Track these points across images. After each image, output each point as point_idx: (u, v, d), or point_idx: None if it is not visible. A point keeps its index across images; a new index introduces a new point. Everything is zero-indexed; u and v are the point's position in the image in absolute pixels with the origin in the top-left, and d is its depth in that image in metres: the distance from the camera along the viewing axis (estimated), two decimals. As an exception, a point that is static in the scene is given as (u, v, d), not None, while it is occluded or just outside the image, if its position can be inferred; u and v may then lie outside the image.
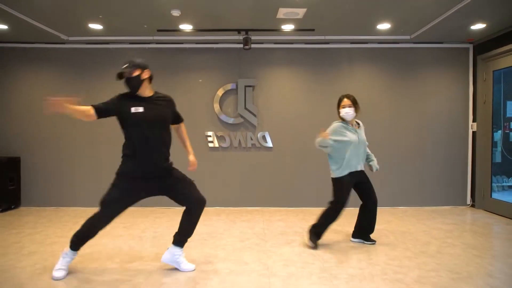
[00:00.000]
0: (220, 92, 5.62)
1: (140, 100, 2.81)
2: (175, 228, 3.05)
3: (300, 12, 4.33)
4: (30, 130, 5.66)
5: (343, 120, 3.67)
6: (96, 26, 4.90)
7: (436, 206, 5.67)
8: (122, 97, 2.86)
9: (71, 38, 5.41)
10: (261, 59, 5.66)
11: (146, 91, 2.86)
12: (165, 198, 3.00)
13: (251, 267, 3.11)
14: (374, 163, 3.78)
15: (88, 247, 3.24)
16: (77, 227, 2.98)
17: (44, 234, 4.14)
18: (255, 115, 5.60)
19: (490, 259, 3.32)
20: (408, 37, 5.40)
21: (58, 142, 5.67)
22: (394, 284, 2.74)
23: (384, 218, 4.92)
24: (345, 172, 3.56)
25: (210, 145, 5.66)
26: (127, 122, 2.80)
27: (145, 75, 2.82)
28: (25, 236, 4.05)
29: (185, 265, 3.00)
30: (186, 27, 4.90)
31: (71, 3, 4.08)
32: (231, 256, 3.41)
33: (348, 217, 4.25)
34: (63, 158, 5.67)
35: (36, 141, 5.66)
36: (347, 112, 3.61)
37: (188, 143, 3.21)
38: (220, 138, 5.68)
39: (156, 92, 2.95)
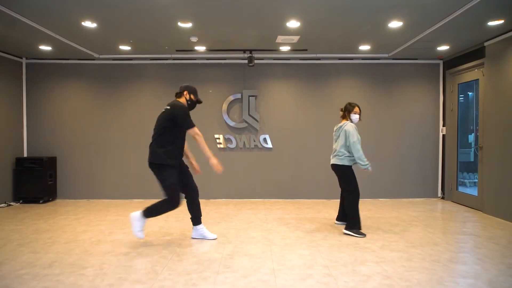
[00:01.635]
0: (227, 101, 6.61)
1: None
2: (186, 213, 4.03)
3: (295, 38, 5.31)
4: (66, 133, 6.62)
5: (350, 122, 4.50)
6: (125, 47, 5.88)
7: (411, 198, 6.66)
8: None
9: (101, 56, 6.39)
10: (262, 73, 6.64)
11: None
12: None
13: (257, 239, 4.09)
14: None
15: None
16: (111, 213, 3.99)
17: (87, 219, 5.10)
18: (257, 121, 6.58)
19: (440, 235, 4.30)
20: (386, 54, 6.40)
21: (89, 144, 6.64)
22: (364, 251, 3.72)
23: (366, 207, 5.90)
24: (352, 163, 4.41)
25: (219, 146, 6.63)
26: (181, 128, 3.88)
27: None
28: (74, 220, 5.02)
29: (209, 234, 4.07)
30: (201, 48, 5.88)
31: (109, 31, 5.03)
32: (240, 233, 4.38)
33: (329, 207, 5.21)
34: (93, 158, 6.64)
35: (70, 143, 6.63)
36: (357, 117, 4.49)
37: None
38: (227, 140, 6.65)
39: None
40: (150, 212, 3.86)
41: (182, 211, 4.48)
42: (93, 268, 3.20)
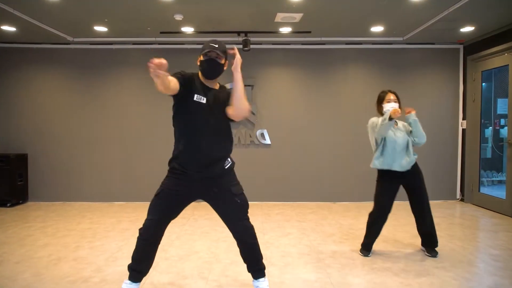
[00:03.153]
0: (220, 91, 5.84)
1: (206, 89, 2.43)
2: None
3: (297, 16, 4.54)
4: (37, 127, 5.86)
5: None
6: (101, 29, 5.10)
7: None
8: (192, 78, 2.45)
9: (76, 39, 5.61)
10: (259, 59, 5.87)
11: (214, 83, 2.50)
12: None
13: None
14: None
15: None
16: (84, 220, 3.23)
17: (54, 228, 4.37)
18: (254, 113, 5.83)
19: (472, 249, 3.59)
20: (400, 38, 5.63)
21: (64, 139, 5.88)
22: (383, 274, 3.00)
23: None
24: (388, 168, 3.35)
25: (211, 142, 5.89)
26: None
27: (225, 67, 2.49)
28: (37, 229, 4.29)
29: None
30: (188, 29, 5.11)
31: (77, 7, 4.27)
32: (232, 247, 3.65)
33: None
34: (69, 155, 5.89)
35: (43, 138, 5.87)
36: (393, 106, 3.32)
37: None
38: (220, 136, 5.90)
39: (221, 86, 2.58)
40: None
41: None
42: (37, 303, 2.47)
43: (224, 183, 2.43)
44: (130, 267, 2.40)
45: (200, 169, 2.35)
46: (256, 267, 2.52)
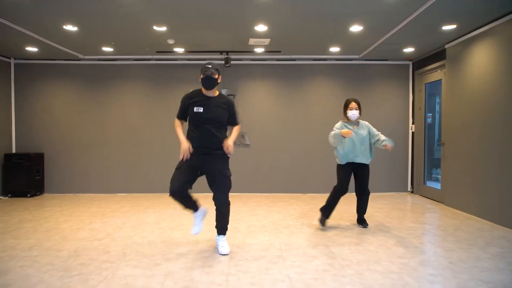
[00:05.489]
0: (207, 100, 6.94)
1: (205, 99, 3.44)
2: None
3: (266, 40, 5.65)
4: (52, 131, 6.94)
5: (347, 120, 4.35)
6: (108, 49, 6.20)
7: (383, 192, 7.01)
8: (192, 95, 3.48)
9: (86, 57, 6.71)
10: (240, 74, 6.97)
11: (213, 92, 3.48)
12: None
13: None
14: (385, 142, 4.28)
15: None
16: (94, 206, 4.30)
17: (70, 210, 5.43)
18: (235, 119, 6.92)
19: (396, 223, 4.66)
20: (357, 56, 6.75)
21: (75, 141, 6.96)
22: (320, 232, 4.07)
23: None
24: (343, 162, 4.34)
25: (199, 143, 6.97)
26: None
27: (220, 79, 3.49)
28: (56, 212, 5.34)
29: (222, 248, 3.54)
30: (179, 49, 6.22)
31: (90, 34, 5.35)
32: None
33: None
34: (79, 154, 6.96)
35: (57, 140, 6.95)
36: (354, 113, 4.28)
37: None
38: (207, 137, 6.98)
39: (220, 94, 3.57)
40: None
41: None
42: (68, 251, 3.53)
43: (217, 164, 3.48)
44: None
45: (198, 152, 3.44)
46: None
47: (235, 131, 3.61)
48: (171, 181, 3.36)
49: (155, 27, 4.97)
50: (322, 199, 6.43)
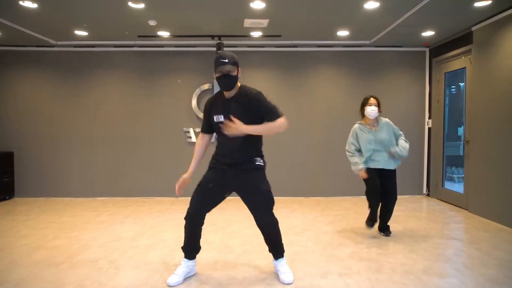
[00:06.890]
0: (197, 92, 6.14)
1: (225, 102, 2.73)
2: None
3: (264, 22, 4.84)
4: (23, 126, 6.14)
5: (364, 120, 4.02)
6: (81, 33, 5.38)
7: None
8: (211, 103, 2.84)
9: (59, 43, 5.89)
10: (235, 61, 6.15)
11: (235, 90, 2.75)
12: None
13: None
14: (393, 149, 3.91)
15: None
16: (66, 214, 3.51)
17: (36, 221, 4.66)
18: (230, 113, 6.12)
19: (419, 239, 3.91)
20: (367, 41, 5.93)
21: (49, 138, 6.16)
22: (330, 259, 3.31)
23: (344, 205, 5.51)
24: (367, 166, 3.89)
25: (189, 140, 6.17)
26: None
27: (240, 73, 2.74)
28: (21, 222, 4.58)
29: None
30: (164, 33, 5.39)
31: (54, 13, 4.53)
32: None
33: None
34: (53, 153, 6.17)
35: (28, 137, 6.15)
36: (373, 109, 3.91)
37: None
38: (198, 134, 6.19)
39: (241, 89, 2.80)
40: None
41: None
42: (10, 284, 2.76)
43: (249, 179, 2.81)
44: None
45: (224, 166, 2.80)
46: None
47: (270, 124, 2.78)
48: (190, 201, 2.82)
49: (130, 3, 4.15)
50: (328, 204, 5.70)
